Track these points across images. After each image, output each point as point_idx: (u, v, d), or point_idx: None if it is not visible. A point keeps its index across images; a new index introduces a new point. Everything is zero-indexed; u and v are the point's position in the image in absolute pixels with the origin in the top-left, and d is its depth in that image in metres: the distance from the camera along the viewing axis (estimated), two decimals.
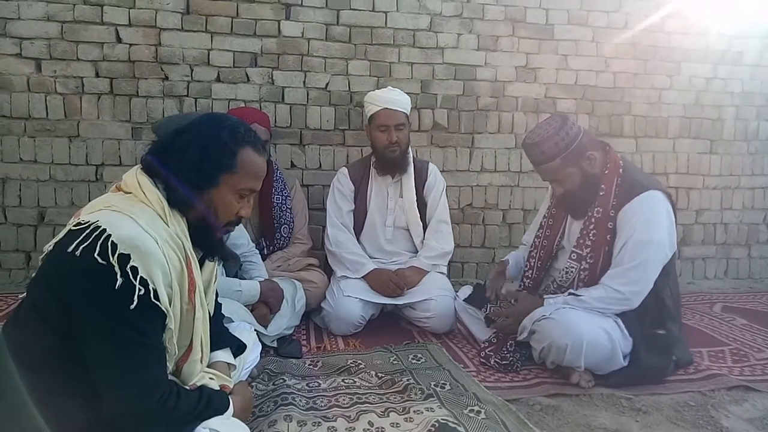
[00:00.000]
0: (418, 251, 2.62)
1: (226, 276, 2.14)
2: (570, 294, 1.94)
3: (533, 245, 2.23)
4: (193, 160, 1.15)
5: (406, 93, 2.59)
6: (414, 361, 2.05)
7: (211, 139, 1.17)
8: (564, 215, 2.13)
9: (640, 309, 1.88)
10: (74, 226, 1.05)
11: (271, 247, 2.61)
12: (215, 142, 1.17)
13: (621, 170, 1.96)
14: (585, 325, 1.81)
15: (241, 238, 2.31)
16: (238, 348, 1.47)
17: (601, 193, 1.95)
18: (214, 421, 1.13)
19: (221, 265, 2.14)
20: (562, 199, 2.03)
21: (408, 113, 2.55)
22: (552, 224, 2.17)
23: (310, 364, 2.00)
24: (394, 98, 2.50)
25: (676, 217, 1.95)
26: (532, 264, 2.20)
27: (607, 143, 2.06)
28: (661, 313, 1.93)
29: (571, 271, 2.00)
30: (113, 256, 0.99)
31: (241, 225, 2.30)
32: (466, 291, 2.41)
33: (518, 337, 1.99)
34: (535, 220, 2.34)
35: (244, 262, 2.29)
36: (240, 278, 2.21)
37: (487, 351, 2.08)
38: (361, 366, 1.95)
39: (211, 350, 1.33)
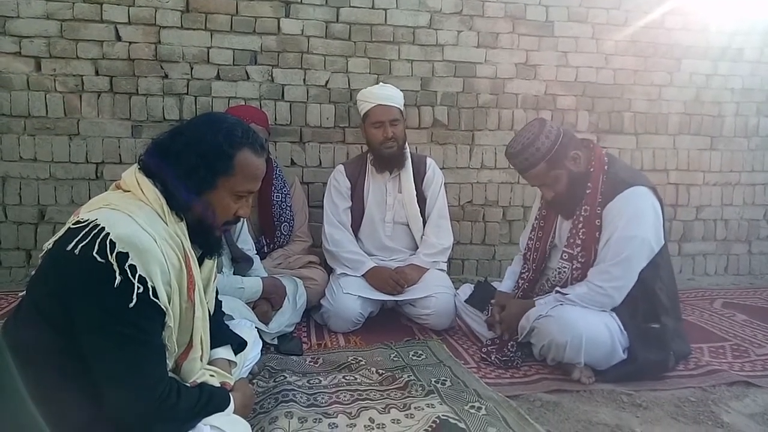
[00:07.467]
0: (417, 246, 2.62)
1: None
2: (557, 292, 1.95)
3: (527, 247, 2.24)
4: (190, 164, 1.14)
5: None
6: (414, 358, 2.05)
7: (207, 143, 1.16)
8: (554, 215, 2.13)
9: (632, 303, 1.89)
10: (73, 224, 1.05)
11: (272, 245, 2.61)
12: (212, 146, 1.16)
13: (606, 167, 1.96)
14: (583, 322, 1.81)
15: (246, 243, 2.31)
16: (239, 345, 1.47)
17: (587, 191, 1.94)
18: (214, 418, 1.13)
19: (232, 263, 2.17)
20: (552, 201, 2.03)
21: (402, 108, 2.54)
22: (543, 225, 2.17)
23: (310, 361, 2.01)
24: (387, 94, 2.48)
25: (663, 212, 1.94)
26: (528, 266, 2.21)
27: (591, 140, 2.06)
28: (655, 307, 1.92)
29: (564, 271, 2.01)
30: (112, 254, 0.99)
31: (246, 231, 2.32)
32: (466, 290, 2.41)
33: (519, 339, 2.00)
34: (529, 223, 2.34)
35: None
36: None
37: (489, 347, 2.08)
38: (361, 363, 1.95)
39: (212, 347, 1.33)
